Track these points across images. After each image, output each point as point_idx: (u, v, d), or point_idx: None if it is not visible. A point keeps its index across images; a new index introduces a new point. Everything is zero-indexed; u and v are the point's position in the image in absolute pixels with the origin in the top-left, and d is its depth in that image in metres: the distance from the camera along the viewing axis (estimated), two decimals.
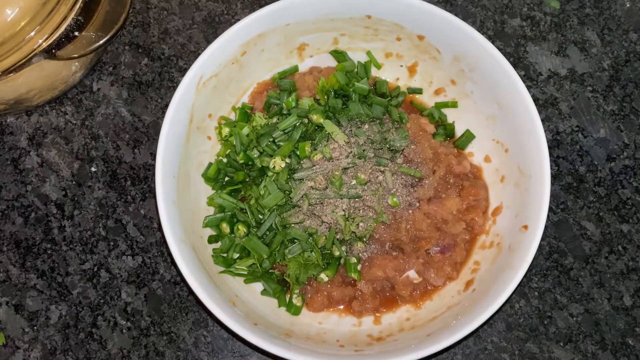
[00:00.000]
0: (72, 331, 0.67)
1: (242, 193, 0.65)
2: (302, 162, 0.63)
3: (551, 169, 0.61)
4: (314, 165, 0.63)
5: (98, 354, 0.66)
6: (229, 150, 0.67)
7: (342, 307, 0.65)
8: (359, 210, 0.62)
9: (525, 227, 0.59)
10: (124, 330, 0.67)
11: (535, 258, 0.59)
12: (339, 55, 0.69)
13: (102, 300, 0.67)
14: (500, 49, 0.63)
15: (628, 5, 0.75)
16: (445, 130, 0.68)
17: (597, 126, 0.71)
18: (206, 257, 0.63)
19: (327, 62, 0.70)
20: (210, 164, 0.66)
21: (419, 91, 0.70)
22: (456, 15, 0.61)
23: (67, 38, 0.62)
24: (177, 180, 0.61)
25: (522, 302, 0.67)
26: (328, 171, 0.62)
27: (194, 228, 0.63)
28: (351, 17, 0.65)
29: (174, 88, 0.63)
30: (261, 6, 0.63)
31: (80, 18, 0.62)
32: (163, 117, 0.61)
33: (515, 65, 0.71)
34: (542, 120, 0.60)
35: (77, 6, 0.61)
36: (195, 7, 0.75)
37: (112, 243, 0.69)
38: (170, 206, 0.59)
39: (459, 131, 0.68)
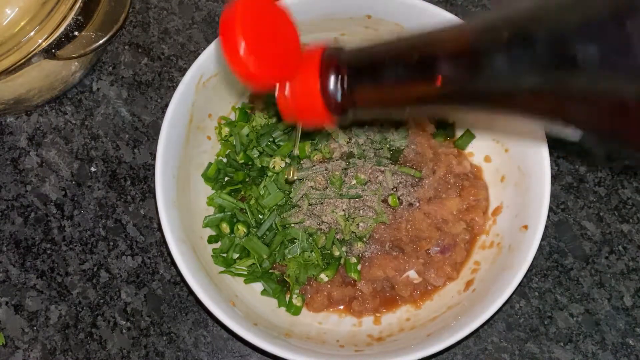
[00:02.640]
0: (71, 331, 0.67)
1: (242, 193, 0.65)
2: (302, 162, 0.63)
3: (551, 169, 0.61)
4: (314, 165, 0.63)
5: (98, 354, 0.66)
6: (229, 150, 0.67)
7: (342, 307, 0.65)
8: (359, 210, 0.62)
9: (526, 227, 0.59)
10: (124, 331, 0.67)
11: (535, 258, 0.59)
12: None
13: (101, 301, 0.67)
14: None
15: None
16: (445, 130, 0.68)
17: None
18: (206, 257, 0.63)
19: None
20: (210, 164, 0.66)
21: None
22: (456, 15, 0.61)
23: (66, 38, 0.62)
24: (177, 180, 0.61)
25: (522, 302, 0.67)
26: (328, 171, 0.62)
27: (193, 228, 0.63)
28: (351, 17, 0.64)
29: (174, 88, 0.63)
30: None
31: (80, 18, 0.62)
32: (163, 117, 0.60)
33: None
34: None
35: (77, 6, 0.61)
36: (195, 7, 0.75)
37: (111, 243, 0.69)
38: (170, 206, 0.59)
39: (459, 131, 0.68)
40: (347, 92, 0.44)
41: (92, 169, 0.71)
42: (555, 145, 0.71)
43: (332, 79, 0.44)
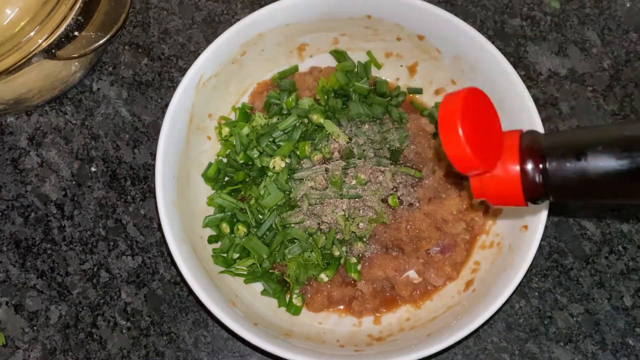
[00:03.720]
0: (72, 331, 0.67)
1: (242, 193, 0.65)
2: (302, 162, 0.63)
3: None
4: (314, 165, 0.63)
5: (98, 354, 0.66)
6: (229, 150, 0.67)
7: (342, 307, 0.65)
8: (359, 210, 0.62)
9: (525, 227, 0.59)
10: (124, 331, 0.67)
11: (535, 258, 0.59)
12: (339, 55, 0.69)
13: (102, 300, 0.67)
14: (500, 49, 0.63)
15: (628, 5, 0.75)
16: None
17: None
18: (206, 257, 0.63)
19: (327, 62, 0.70)
20: (210, 164, 0.66)
21: (419, 91, 0.70)
22: (456, 15, 0.61)
23: (67, 38, 0.62)
24: (177, 181, 0.61)
25: (522, 302, 0.67)
26: (328, 171, 0.62)
27: (193, 228, 0.63)
28: (351, 17, 0.65)
29: (174, 88, 0.63)
30: (261, 6, 0.63)
31: (80, 18, 0.62)
32: (163, 117, 0.61)
33: (515, 65, 0.71)
34: (542, 120, 0.60)
35: (77, 6, 0.61)
36: (195, 7, 0.75)
37: (112, 243, 0.69)
38: (170, 206, 0.59)
39: None
40: (546, 177, 0.43)
41: (92, 169, 0.71)
42: None
43: (533, 163, 0.44)
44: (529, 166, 0.44)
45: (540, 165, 0.43)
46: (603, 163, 0.41)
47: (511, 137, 0.45)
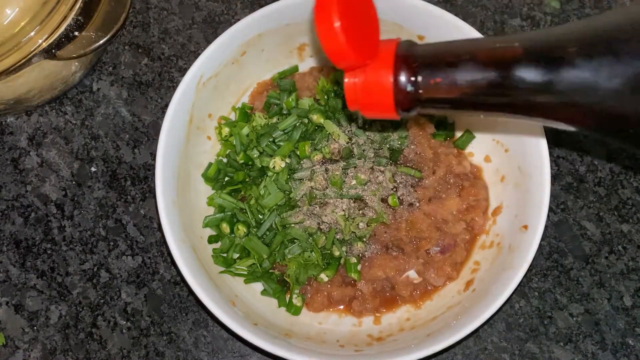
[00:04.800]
0: (72, 331, 0.67)
1: (242, 193, 0.65)
2: (302, 162, 0.63)
3: (551, 169, 0.61)
4: (314, 166, 0.63)
5: (98, 354, 0.66)
6: (229, 150, 0.67)
7: (342, 307, 0.65)
8: (359, 210, 0.62)
9: (526, 227, 0.59)
10: (124, 331, 0.67)
11: (535, 258, 0.59)
12: None
13: (102, 300, 0.67)
14: None
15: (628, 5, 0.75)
16: (445, 130, 0.68)
17: None
18: (206, 257, 0.63)
19: (327, 62, 0.70)
20: (210, 164, 0.66)
21: None
22: (456, 15, 0.61)
23: (67, 38, 0.62)
24: (177, 180, 0.61)
25: (522, 302, 0.67)
26: (328, 171, 0.62)
27: (194, 228, 0.63)
28: None
29: (174, 88, 0.63)
30: (261, 6, 0.63)
31: (80, 18, 0.63)
32: (163, 117, 0.61)
33: None
34: None
35: (77, 6, 0.61)
36: (195, 7, 0.75)
37: (112, 243, 0.69)
38: (170, 206, 0.59)
39: (458, 131, 0.68)
40: (418, 86, 0.44)
41: (92, 169, 0.71)
42: (555, 145, 0.71)
43: (405, 71, 0.44)
44: (402, 74, 0.44)
45: (412, 75, 0.44)
46: (471, 75, 0.42)
47: (388, 44, 0.46)
